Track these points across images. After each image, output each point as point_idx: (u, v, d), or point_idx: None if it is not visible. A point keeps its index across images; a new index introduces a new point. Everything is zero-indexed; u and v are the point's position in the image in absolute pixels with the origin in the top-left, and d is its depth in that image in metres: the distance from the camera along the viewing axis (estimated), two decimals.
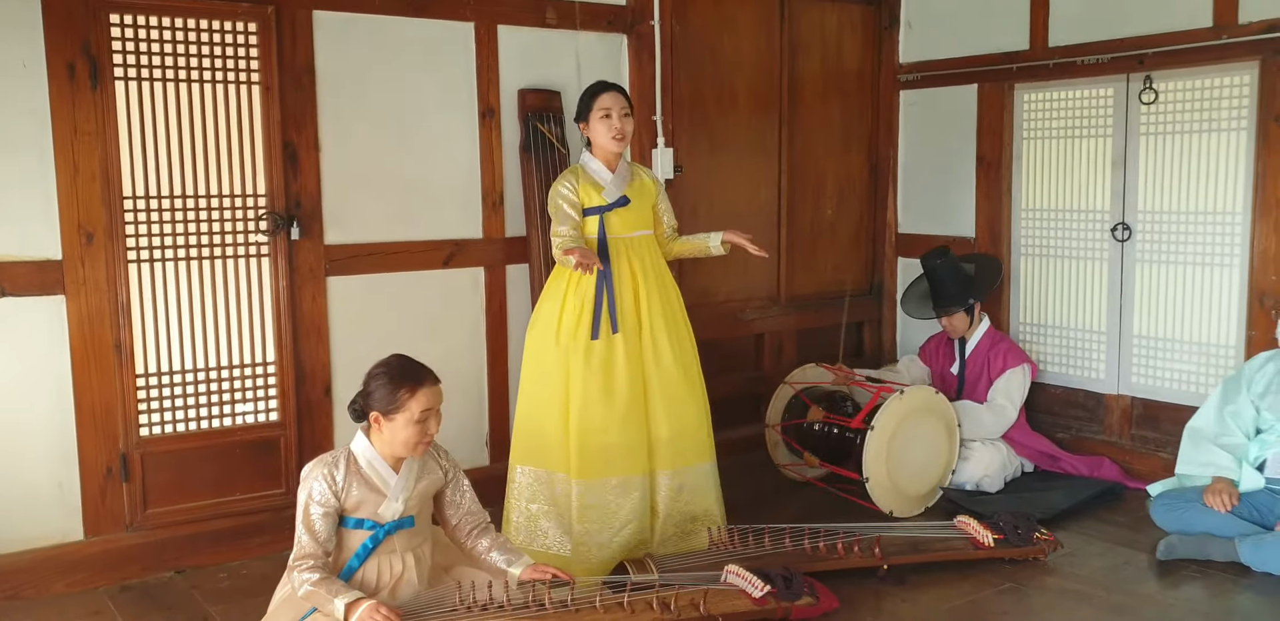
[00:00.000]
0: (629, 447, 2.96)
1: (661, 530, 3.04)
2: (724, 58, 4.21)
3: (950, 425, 3.68)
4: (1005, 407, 3.86)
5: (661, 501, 3.03)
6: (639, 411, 2.98)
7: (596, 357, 2.95)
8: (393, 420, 2.35)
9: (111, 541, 3.04)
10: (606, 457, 2.95)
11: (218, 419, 3.20)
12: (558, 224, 3.02)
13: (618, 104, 3.03)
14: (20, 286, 2.90)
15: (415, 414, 2.34)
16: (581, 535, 2.94)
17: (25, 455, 2.92)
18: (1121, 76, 3.90)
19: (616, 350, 2.97)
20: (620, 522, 2.97)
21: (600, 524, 2.96)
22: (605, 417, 2.94)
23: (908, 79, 4.60)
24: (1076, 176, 4.10)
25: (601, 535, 2.95)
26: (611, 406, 2.94)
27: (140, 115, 3.03)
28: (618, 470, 2.96)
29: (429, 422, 2.37)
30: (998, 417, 3.85)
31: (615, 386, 2.95)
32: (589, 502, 2.94)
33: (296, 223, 3.27)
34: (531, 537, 3.00)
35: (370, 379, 2.40)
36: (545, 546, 2.99)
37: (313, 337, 3.34)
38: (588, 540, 2.94)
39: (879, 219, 4.73)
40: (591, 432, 2.94)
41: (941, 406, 3.66)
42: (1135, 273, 3.94)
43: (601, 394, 2.94)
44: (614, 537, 2.96)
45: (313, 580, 2.28)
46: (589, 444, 2.93)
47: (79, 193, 2.95)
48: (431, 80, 3.53)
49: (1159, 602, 2.87)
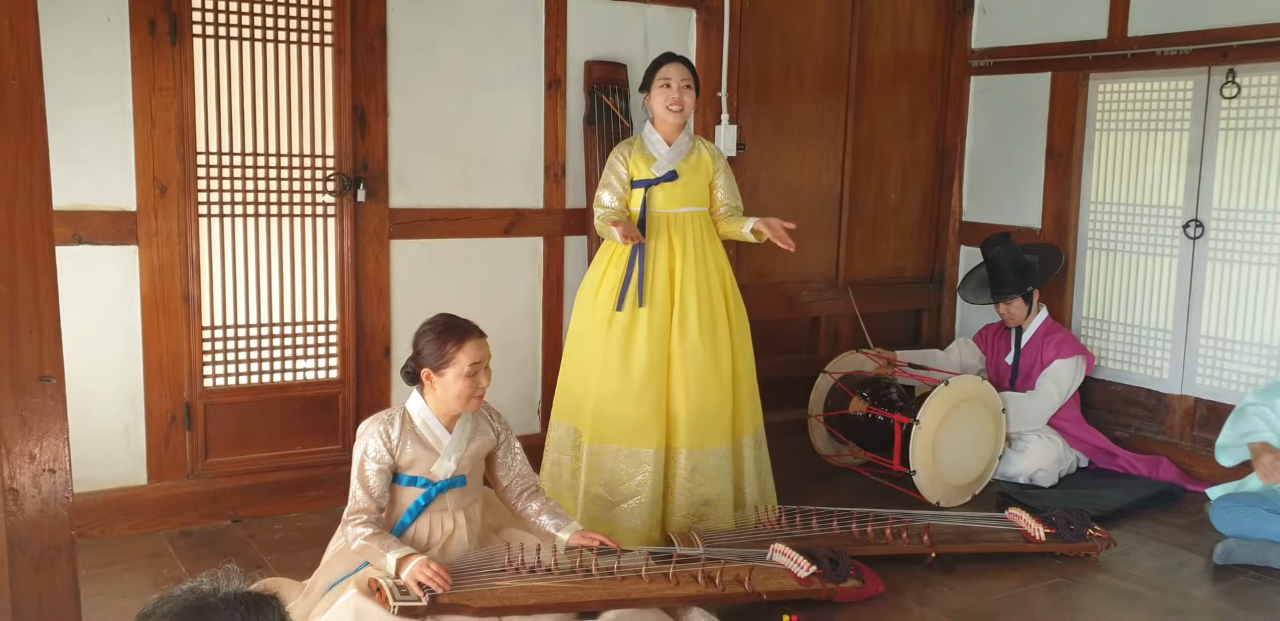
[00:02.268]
0: (642, 421, 2.95)
1: (676, 509, 3.01)
2: (793, 36, 4.17)
3: (996, 413, 3.63)
4: (1049, 393, 3.79)
5: (677, 480, 3.01)
6: (657, 386, 2.96)
7: (618, 329, 2.96)
8: (443, 375, 2.37)
9: (173, 487, 3.12)
10: (619, 428, 2.95)
11: (279, 374, 3.27)
12: (601, 191, 3.05)
13: (679, 74, 3.01)
14: (96, 235, 2.97)
15: (464, 367, 2.36)
16: (590, 496, 2.97)
17: (95, 398, 2.99)
18: (1203, 69, 3.78)
19: (640, 324, 2.96)
20: (629, 492, 2.96)
21: (608, 488, 2.97)
22: (621, 389, 2.94)
23: (979, 65, 4.50)
24: (1149, 171, 3.99)
25: (609, 499, 2.96)
26: (628, 379, 2.94)
27: (216, 72, 3.08)
28: (627, 441, 2.96)
29: (479, 376, 2.39)
30: (1040, 404, 3.78)
31: (634, 360, 2.95)
32: (596, 466, 2.97)
33: (363, 185, 3.30)
34: (555, 489, 3.05)
35: (419, 338, 2.43)
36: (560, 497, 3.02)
37: (374, 299, 3.38)
38: (596, 502, 2.96)
39: (943, 206, 4.66)
40: (607, 400, 2.95)
41: (987, 394, 3.60)
42: (1206, 271, 3.84)
43: (619, 365, 2.95)
44: (622, 504, 2.95)
45: (366, 535, 2.32)
46: (604, 412, 2.96)
47: (155, 146, 3.01)
48: (500, 49, 3.53)
49: (1213, 607, 2.81)
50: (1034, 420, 3.77)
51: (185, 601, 1.08)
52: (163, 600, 1.11)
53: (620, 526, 2.96)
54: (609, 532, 2.86)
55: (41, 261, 1.64)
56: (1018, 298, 3.88)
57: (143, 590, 2.67)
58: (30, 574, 1.65)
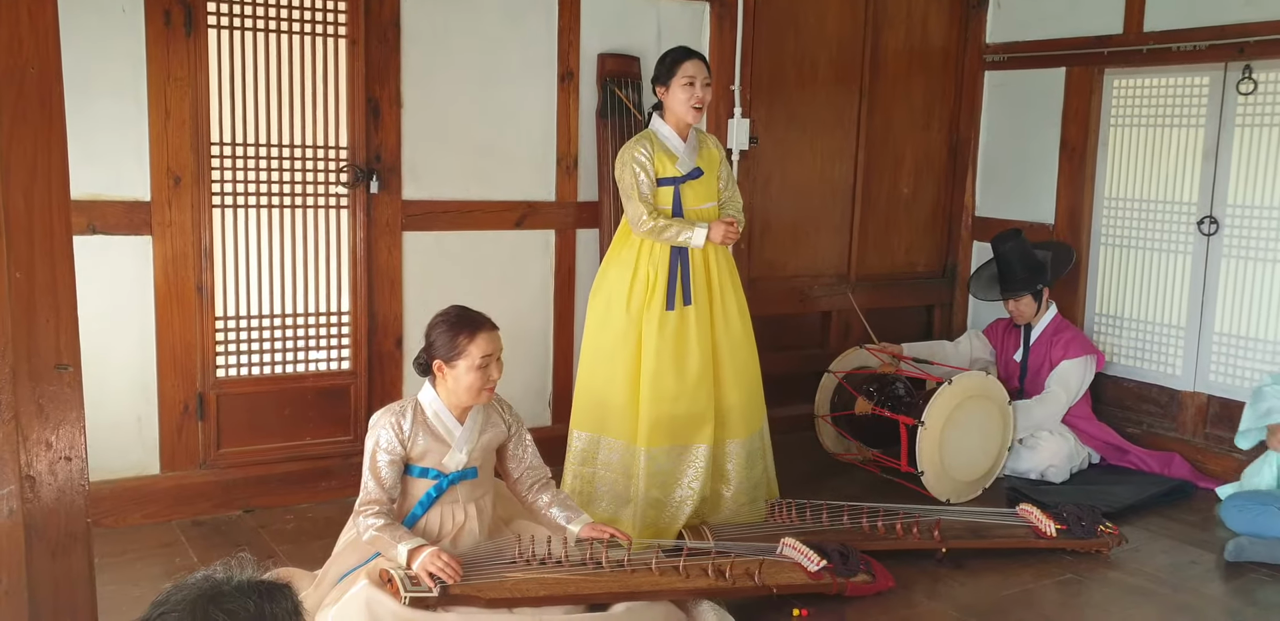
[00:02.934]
0: (695, 417, 2.96)
1: (734, 498, 3.04)
2: (806, 30, 4.15)
3: (1002, 406, 3.61)
4: (1057, 396, 3.78)
5: (733, 470, 3.04)
6: (708, 381, 2.99)
7: (670, 328, 2.95)
8: (455, 366, 2.38)
9: (185, 477, 3.13)
10: (673, 427, 2.96)
11: (291, 365, 3.27)
12: (639, 195, 2.94)
13: (702, 73, 2.99)
14: (110, 225, 2.98)
15: (476, 359, 2.37)
16: (647, 501, 2.96)
17: (108, 388, 3.00)
18: (1219, 65, 3.75)
19: (689, 321, 2.96)
20: (683, 489, 2.98)
21: (664, 490, 2.98)
22: (676, 388, 2.94)
23: (994, 59, 4.48)
24: (1164, 166, 3.97)
25: (666, 501, 2.97)
26: (683, 377, 2.95)
27: (230, 63, 3.08)
28: (681, 439, 2.97)
29: (490, 368, 2.39)
30: (1048, 408, 3.76)
31: (688, 357, 2.96)
32: (655, 469, 2.96)
33: (376, 176, 3.31)
34: (584, 501, 3.02)
35: (431, 329, 2.43)
36: (599, 510, 3.01)
37: (386, 290, 3.38)
38: (654, 506, 2.96)
39: (956, 200, 4.64)
40: (662, 402, 2.94)
41: (992, 389, 3.58)
42: (1220, 268, 3.81)
43: (674, 364, 2.94)
44: (679, 503, 2.98)
45: (377, 525, 2.32)
46: (659, 413, 2.94)
47: (169, 137, 3.02)
48: (513, 41, 3.52)
49: (1225, 604, 2.80)
50: (1042, 423, 3.76)
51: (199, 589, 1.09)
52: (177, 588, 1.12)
53: (674, 525, 2.97)
54: (663, 533, 2.88)
55: (59, 249, 1.64)
56: (1026, 295, 3.86)
57: (155, 579, 2.69)
58: (46, 560, 1.66)
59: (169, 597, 1.10)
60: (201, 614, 1.06)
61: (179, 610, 1.07)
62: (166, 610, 1.07)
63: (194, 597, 1.07)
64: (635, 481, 2.97)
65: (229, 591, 1.09)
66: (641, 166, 2.97)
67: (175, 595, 1.09)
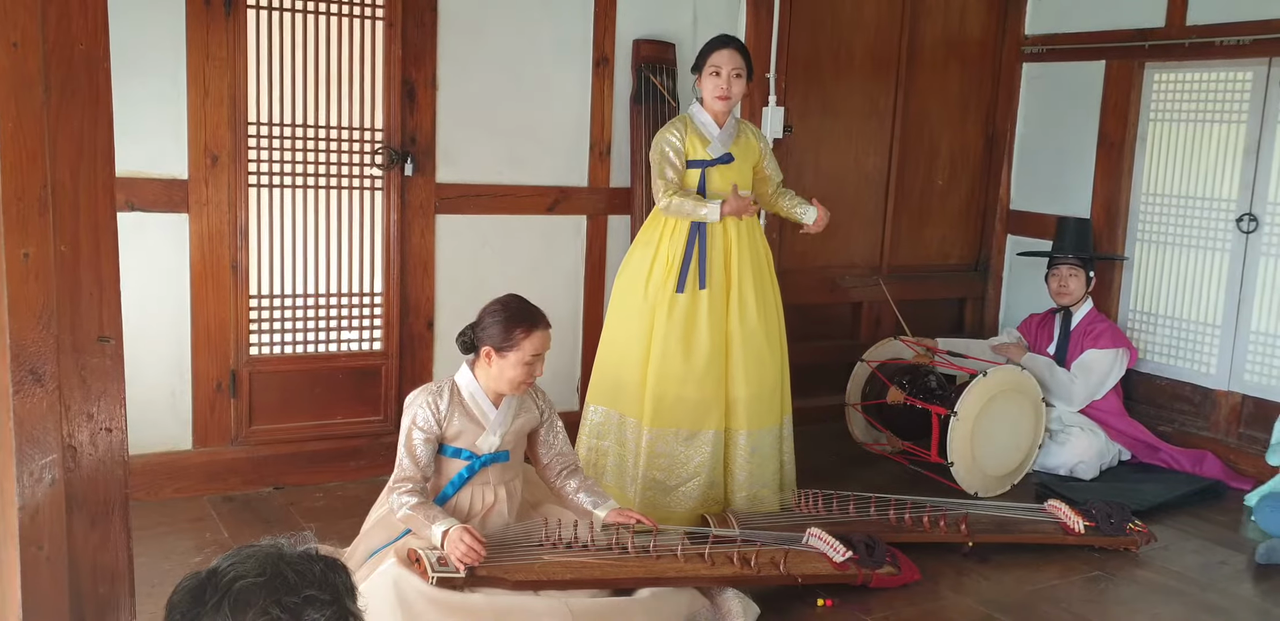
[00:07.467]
0: (703, 402, 2.95)
1: (735, 490, 3.03)
2: (843, 18, 4.11)
3: (1036, 403, 3.58)
4: (1070, 376, 3.79)
5: (737, 461, 3.02)
6: (718, 368, 2.97)
7: (680, 311, 2.95)
8: (504, 357, 2.39)
9: (217, 453, 3.17)
10: (680, 410, 2.95)
11: (323, 344, 3.30)
12: (663, 172, 2.97)
13: (729, 63, 2.97)
14: (148, 202, 3.01)
15: (526, 355, 2.39)
16: (648, 481, 2.96)
17: (143, 364, 3.03)
18: (1263, 60, 3.68)
19: (701, 306, 2.95)
20: (688, 474, 2.97)
21: (667, 472, 2.97)
22: (683, 371, 2.94)
23: (1032, 51, 4.42)
24: (1204, 162, 3.90)
25: (668, 483, 2.97)
26: (690, 361, 2.94)
27: (268, 44, 3.09)
28: (688, 423, 2.96)
29: (536, 365, 2.41)
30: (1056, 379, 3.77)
31: (696, 342, 2.95)
32: (658, 451, 2.96)
33: (411, 159, 3.31)
34: (594, 474, 3.03)
35: (486, 313, 2.43)
36: (604, 484, 3.00)
37: (419, 272, 3.40)
38: (654, 487, 2.96)
39: (991, 193, 4.59)
40: (668, 383, 2.94)
41: (1027, 384, 3.55)
42: (1259, 266, 3.75)
43: (681, 348, 2.94)
44: (680, 487, 2.96)
45: (411, 504, 2.34)
46: (664, 394, 2.94)
47: (207, 116, 3.04)
48: (549, 26, 3.52)
49: (1255, 606, 2.77)
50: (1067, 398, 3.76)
51: (268, 550, 1.15)
52: (245, 547, 1.17)
53: (677, 509, 2.97)
54: (665, 516, 2.88)
55: (103, 223, 1.66)
56: (1084, 271, 3.87)
57: (185, 553, 2.72)
58: (86, 528, 1.68)
59: (239, 551, 1.16)
60: (273, 568, 1.12)
61: (252, 559, 1.13)
62: (239, 560, 1.13)
63: (264, 555, 1.14)
64: (637, 460, 2.98)
65: (297, 556, 1.15)
66: (671, 146, 2.99)
67: (246, 550, 1.16)
